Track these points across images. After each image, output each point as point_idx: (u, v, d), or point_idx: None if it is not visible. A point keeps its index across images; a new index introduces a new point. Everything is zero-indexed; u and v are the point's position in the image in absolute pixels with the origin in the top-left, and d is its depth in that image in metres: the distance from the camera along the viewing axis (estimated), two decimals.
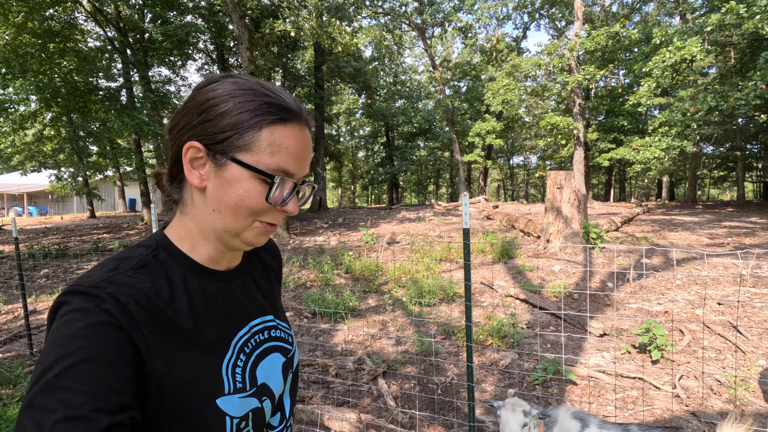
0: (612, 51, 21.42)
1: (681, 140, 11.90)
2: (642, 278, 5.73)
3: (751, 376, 3.07)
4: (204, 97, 0.59)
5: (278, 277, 0.86)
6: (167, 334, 0.56)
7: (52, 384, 0.44)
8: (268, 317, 0.74)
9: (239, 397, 0.62)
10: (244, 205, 0.59)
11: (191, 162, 0.60)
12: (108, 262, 0.58)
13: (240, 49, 10.77)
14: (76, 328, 0.48)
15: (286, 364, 0.74)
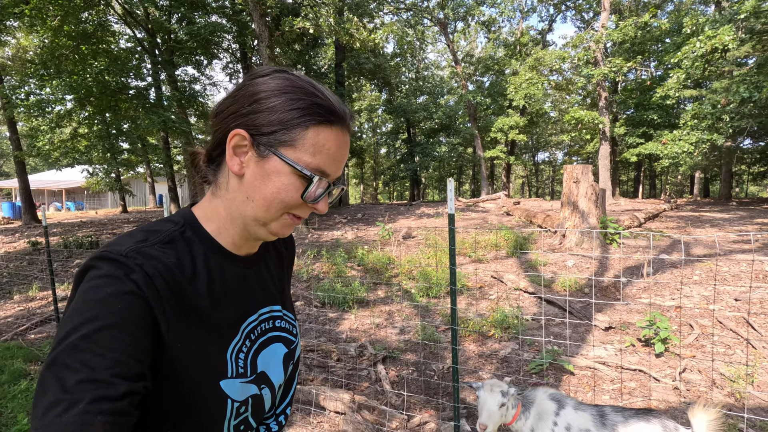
0: (642, 42, 20.66)
1: (711, 134, 11.40)
2: (657, 273, 5.58)
3: (757, 371, 2.98)
4: (256, 88, 0.60)
5: (290, 266, 0.86)
6: (185, 311, 0.57)
7: (77, 345, 0.45)
8: (276, 307, 0.75)
9: (241, 382, 0.63)
10: (279, 197, 0.61)
11: (234, 148, 0.61)
12: (137, 233, 0.59)
13: (260, 47, 11.01)
14: (105, 293, 0.49)
15: (288, 355, 0.75)
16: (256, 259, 0.72)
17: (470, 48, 36.36)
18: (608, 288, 5.13)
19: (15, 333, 4.82)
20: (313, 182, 0.60)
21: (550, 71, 22.29)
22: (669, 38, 20.07)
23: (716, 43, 10.75)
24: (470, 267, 6.62)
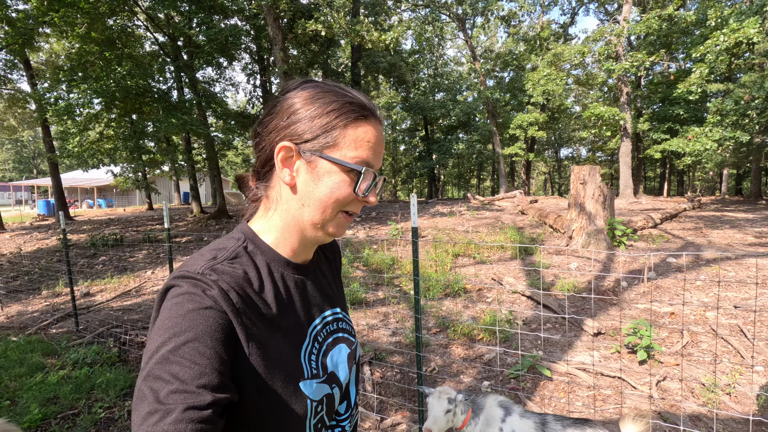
0: (667, 35, 19.95)
1: (734, 131, 10.99)
2: (662, 277, 5.50)
3: (738, 382, 2.97)
4: (290, 101, 0.65)
5: (338, 270, 0.91)
6: (258, 320, 0.61)
7: (166, 358, 0.50)
8: (336, 309, 0.79)
9: (316, 383, 0.67)
10: (333, 197, 0.64)
11: (283, 161, 0.65)
12: (206, 252, 0.64)
13: (274, 50, 11.27)
14: (186, 310, 0.53)
15: (351, 355, 0.78)
16: (312, 265, 0.76)
17: (490, 43, 35.87)
18: (606, 292, 5.10)
19: (38, 327, 5.19)
20: (362, 174, 0.64)
21: (572, 66, 21.76)
22: (697, 30, 19.33)
23: (740, 37, 10.34)
24: (472, 269, 6.68)
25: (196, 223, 15.50)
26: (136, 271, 8.45)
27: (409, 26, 28.59)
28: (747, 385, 2.94)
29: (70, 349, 4.25)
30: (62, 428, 2.84)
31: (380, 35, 10.65)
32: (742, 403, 2.74)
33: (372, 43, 10.88)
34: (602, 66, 18.73)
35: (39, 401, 3.14)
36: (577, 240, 7.34)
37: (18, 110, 21.68)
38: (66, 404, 3.14)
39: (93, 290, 7.20)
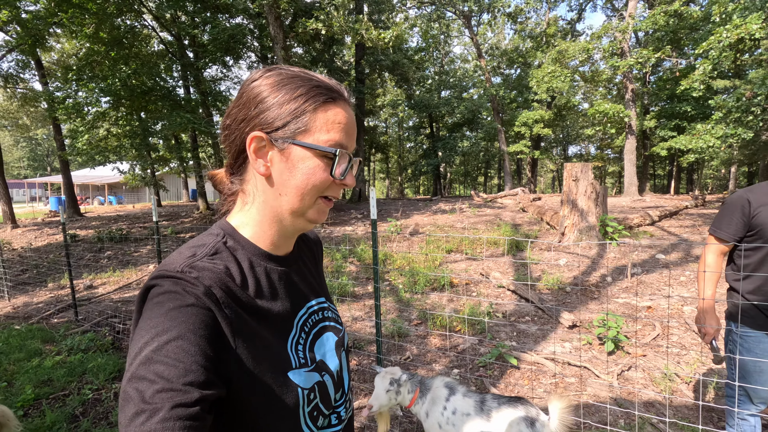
0: (674, 31, 19.72)
1: (736, 128, 10.90)
2: (648, 273, 5.56)
3: (700, 371, 3.05)
4: (255, 90, 0.63)
5: (320, 260, 0.91)
6: (243, 314, 0.61)
7: (150, 358, 0.49)
8: (321, 299, 0.80)
9: (305, 371, 0.67)
10: (309, 183, 0.63)
11: (256, 152, 0.64)
12: (185, 250, 0.63)
13: (276, 49, 11.44)
14: (168, 308, 0.53)
15: (339, 343, 0.78)
16: (293, 257, 0.76)
17: (497, 40, 35.72)
18: (589, 287, 5.18)
19: (41, 317, 5.43)
20: (337, 157, 0.63)
21: (580, 62, 21.59)
22: (705, 26, 19.08)
23: (742, 33, 10.25)
24: (462, 264, 6.78)
25: (201, 219, 15.78)
26: (139, 265, 8.70)
27: (415, 23, 28.69)
28: (707, 375, 3.02)
29: (68, 336, 4.46)
30: (53, 407, 3.03)
31: (379, 33, 10.75)
32: (697, 391, 2.83)
33: (371, 42, 11.00)
34: (607, 62, 18.61)
35: (34, 383, 3.34)
36: (569, 236, 7.40)
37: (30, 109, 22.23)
38: (58, 386, 3.34)
39: (96, 283, 7.45)
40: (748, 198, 1.86)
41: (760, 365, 1.86)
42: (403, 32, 12.00)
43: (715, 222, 1.96)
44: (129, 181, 18.60)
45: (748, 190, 1.92)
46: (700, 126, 12.40)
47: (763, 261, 1.84)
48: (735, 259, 1.96)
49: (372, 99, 26.28)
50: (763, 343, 1.84)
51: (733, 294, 1.94)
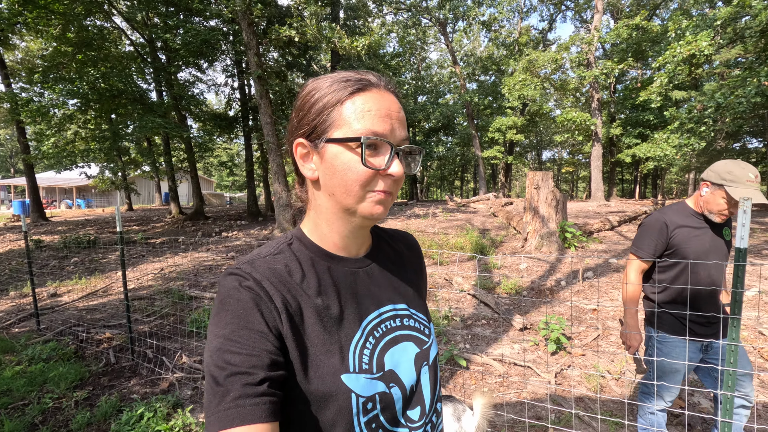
0: (637, 43, 20.68)
1: (688, 138, 11.57)
2: (595, 278, 5.91)
3: (629, 370, 3.34)
4: (298, 101, 0.67)
5: (417, 269, 0.86)
6: (298, 309, 0.62)
7: (220, 347, 0.55)
8: (400, 305, 0.75)
9: (365, 378, 0.64)
10: (350, 177, 0.62)
11: (302, 158, 0.67)
12: (254, 251, 0.68)
13: (249, 54, 11.48)
14: (228, 302, 0.59)
15: (420, 356, 0.73)
16: (366, 259, 0.75)
17: (472, 47, 36.48)
18: (543, 291, 5.48)
19: (1, 327, 5.35)
20: (363, 143, 0.60)
21: (550, 71, 22.35)
22: (665, 40, 20.10)
23: (693, 49, 10.91)
24: (430, 269, 7.01)
25: (173, 224, 15.59)
26: (107, 272, 8.59)
27: (392, 29, 29.03)
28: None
29: (29, 346, 4.44)
30: (11, 417, 3.06)
31: (352, 41, 10.94)
32: (626, 387, 3.11)
33: (344, 50, 11.17)
34: (575, 72, 19.35)
35: None
36: (531, 242, 7.73)
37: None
38: (18, 396, 3.36)
39: (60, 291, 7.33)
40: (664, 221, 2.09)
41: (674, 366, 2.09)
42: (377, 39, 12.20)
43: (636, 242, 2.17)
44: (98, 184, 18.20)
45: (662, 213, 2.15)
46: (657, 135, 13.08)
47: (677, 276, 2.08)
48: (652, 274, 2.18)
49: None
50: (678, 347, 2.08)
51: (651, 304, 2.18)
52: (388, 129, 0.62)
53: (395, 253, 0.82)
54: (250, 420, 0.51)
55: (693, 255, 2.04)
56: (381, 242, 0.81)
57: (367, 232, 0.75)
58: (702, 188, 2.06)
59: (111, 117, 15.18)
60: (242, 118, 17.38)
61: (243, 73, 16.52)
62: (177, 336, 4.51)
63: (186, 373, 3.63)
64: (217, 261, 8.70)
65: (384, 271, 0.77)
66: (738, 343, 1.80)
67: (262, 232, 12.81)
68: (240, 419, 0.51)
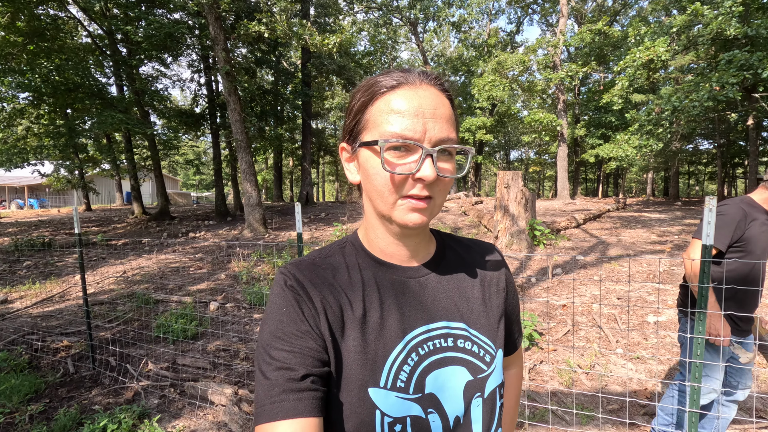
0: (600, 47, 21.51)
1: (647, 139, 12.12)
2: (563, 275, 6.09)
3: (599, 362, 3.44)
4: (349, 105, 0.66)
5: (494, 286, 0.75)
6: (339, 312, 0.61)
7: (268, 343, 0.58)
8: (455, 323, 0.67)
9: (396, 396, 0.59)
10: (378, 183, 0.59)
11: (347, 161, 0.67)
12: (310, 253, 0.69)
13: (216, 50, 11.13)
14: (274, 300, 0.61)
15: (472, 385, 0.64)
16: (422, 270, 0.69)
17: (443, 48, 36.90)
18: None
19: None
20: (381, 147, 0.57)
21: (520, 72, 22.91)
22: (625, 45, 21.00)
23: (651, 54, 11.42)
24: None
25: (136, 224, 14.93)
26: (63, 276, 8.12)
27: (363, 28, 28.95)
28: (605, 366, 3.42)
29: None
30: None
31: (323, 39, 10.81)
32: (596, 381, 3.20)
33: (315, 47, 11.02)
34: (542, 74, 19.91)
35: None
36: (502, 240, 7.88)
37: None
38: None
39: (12, 297, 6.86)
40: (744, 210, 2.02)
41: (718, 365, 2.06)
42: (348, 38, 12.09)
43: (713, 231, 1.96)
44: (53, 183, 17.21)
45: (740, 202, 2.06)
46: (619, 136, 13.65)
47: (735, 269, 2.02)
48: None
49: (319, 101, 26.14)
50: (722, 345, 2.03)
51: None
52: (419, 129, 0.57)
53: (465, 265, 0.74)
54: (293, 414, 0.52)
55: (759, 249, 2.02)
56: (448, 251, 0.74)
57: (420, 239, 0.69)
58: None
59: (66, 112, 14.40)
60: (210, 115, 16.86)
61: (210, 68, 16.02)
62: (142, 342, 4.31)
63: (152, 381, 3.47)
64: (184, 263, 8.39)
65: (443, 284, 0.69)
66: (703, 336, 1.88)
67: (231, 232, 12.48)
68: (283, 413, 0.52)
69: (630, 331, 4.03)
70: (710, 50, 12.70)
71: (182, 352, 4.04)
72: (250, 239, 11.06)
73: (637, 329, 4.11)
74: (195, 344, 4.25)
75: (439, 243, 0.74)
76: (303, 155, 20.45)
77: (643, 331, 4.08)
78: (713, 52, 12.78)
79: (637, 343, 3.86)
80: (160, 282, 6.91)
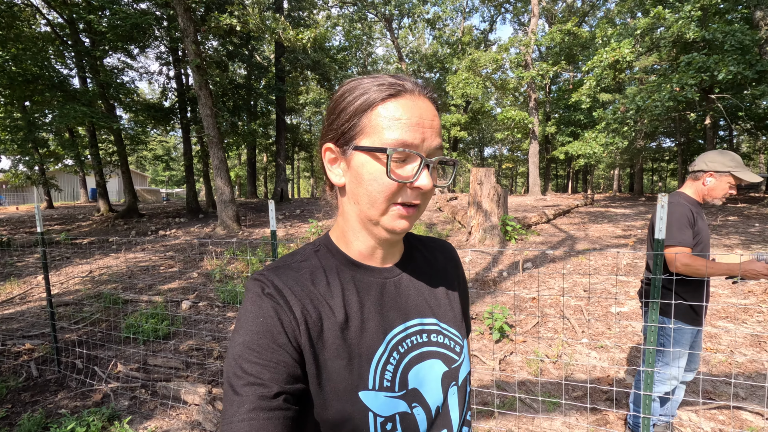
0: (570, 47, 22.11)
1: (613, 137, 12.59)
2: (533, 269, 6.29)
3: (564, 352, 3.60)
4: (331, 104, 0.64)
5: (453, 281, 0.79)
6: (319, 320, 0.60)
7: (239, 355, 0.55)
8: (428, 320, 0.70)
9: (385, 396, 0.61)
10: (375, 188, 0.59)
11: (330, 163, 0.65)
12: (282, 257, 0.67)
13: (186, 43, 10.82)
14: (250, 310, 0.58)
15: (448, 375, 0.68)
16: (395, 270, 0.71)
17: (418, 44, 37.05)
18: (487, 282, 5.74)
19: None
20: (390, 155, 0.57)
21: (493, 70, 23.27)
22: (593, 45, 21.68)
23: (617, 55, 11.85)
24: None
25: (102, 222, 14.40)
26: (24, 277, 7.76)
27: (337, 23, 28.73)
28: (571, 355, 3.57)
29: None
30: None
31: (297, 33, 10.68)
32: (562, 370, 3.35)
33: (289, 42, 10.88)
34: (514, 72, 20.32)
35: None
36: (475, 235, 8.05)
37: None
38: None
39: None
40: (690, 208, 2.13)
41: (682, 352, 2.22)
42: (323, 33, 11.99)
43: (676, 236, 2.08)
44: (11, 180, 16.37)
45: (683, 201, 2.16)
46: (587, 134, 14.11)
47: None
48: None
49: (294, 97, 25.82)
50: (686, 335, 2.21)
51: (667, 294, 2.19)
52: (418, 139, 0.58)
53: (428, 263, 0.77)
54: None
55: (706, 240, 2.15)
56: (414, 251, 0.77)
57: (396, 242, 0.71)
58: (704, 178, 2.19)
59: (25, 104, 13.69)
60: (180, 109, 16.39)
61: (180, 61, 15.56)
62: (111, 343, 4.20)
63: (122, 382, 3.40)
64: (154, 261, 8.18)
65: (414, 283, 0.72)
66: (657, 324, 2.01)
67: (203, 229, 12.22)
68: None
69: (595, 322, 4.22)
70: (671, 52, 13.27)
71: (153, 353, 3.96)
72: (223, 237, 10.86)
73: (601, 320, 4.30)
74: (167, 344, 4.17)
75: (405, 243, 0.77)
76: (277, 151, 20.19)
77: (607, 321, 4.28)
78: (674, 54, 13.37)
79: (601, 332, 4.05)
80: (128, 281, 6.72)
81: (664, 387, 2.27)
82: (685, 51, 12.22)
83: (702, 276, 2.06)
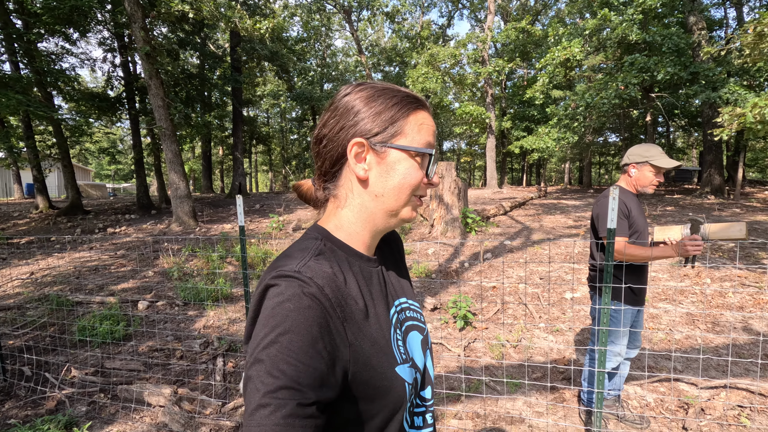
0: (524, 45, 22.88)
1: (564, 132, 13.23)
2: (493, 259, 6.55)
3: (524, 337, 3.81)
4: (351, 103, 0.69)
5: (405, 263, 0.93)
6: (351, 312, 0.63)
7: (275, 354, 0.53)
8: (403, 299, 0.81)
9: (407, 366, 0.70)
10: (406, 183, 0.68)
11: (356, 157, 0.69)
12: (293, 252, 0.66)
13: (134, 29, 10.21)
14: (288, 309, 0.56)
15: (423, 341, 0.81)
16: (380, 257, 0.80)
17: (377, 37, 36.94)
18: (450, 272, 5.92)
19: None
20: (432, 157, 0.70)
21: (451, 65, 23.65)
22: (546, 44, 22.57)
23: (568, 54, 12.43)
24: None
25: (42, 220, 13.38)
26: None
27: (295, 13, 28.07)
28: (531, 339, 3.78)
29: None
30: None
31: (254, 23, 10.37)
32: (522, 353, 3.54)
33: (246, 31, 10.54)
34: (471, 68, 20.78)
35: None
36: (437, 228, 8.24)
37: None
38: None
39: None
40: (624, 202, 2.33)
41: (624, 331, 2.42)
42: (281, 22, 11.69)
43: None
44: None
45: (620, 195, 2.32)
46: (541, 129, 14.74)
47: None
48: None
49: (251, 88, 25.05)
50: (626, 315, 2.41)
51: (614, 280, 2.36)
52: (434, 144, 0.72)
53: (390, 250, 0.88)
54: None
55: (642, 227, 2.35)
56: (381, 241, 0.85)
57: None
58: (629, 171, 2.38)
59: None
60: (127, 99, 15.46)
61: (127, 48, 14.65)
62: (62, 347, 3.97)
63: (78, 387, 3.23)
64: (104, 261, 7.74)
65: (389, 267, 0.83)
66: (609, 306, 2.19)
67: (157, 226, 11.67)
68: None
69: (551, 307, 4.48)
70: (617, 52, 14.10)
71: (111, 356, 3.78)
72: (179, 233, 10.44)
73: (557, 305, 4.57)
74: (125, 346, 4.00)
75: None
76: (234, 144, 19.55)
77: (562, 306, 4.55)
78: (619, 54, 14.21)
79: (556, 317, 4.30)
80: (77, 282, 6.33)
81: (610, 363, 2.48)
82: (628, 52, 13.02)
83: (636, 261, 2.28)
